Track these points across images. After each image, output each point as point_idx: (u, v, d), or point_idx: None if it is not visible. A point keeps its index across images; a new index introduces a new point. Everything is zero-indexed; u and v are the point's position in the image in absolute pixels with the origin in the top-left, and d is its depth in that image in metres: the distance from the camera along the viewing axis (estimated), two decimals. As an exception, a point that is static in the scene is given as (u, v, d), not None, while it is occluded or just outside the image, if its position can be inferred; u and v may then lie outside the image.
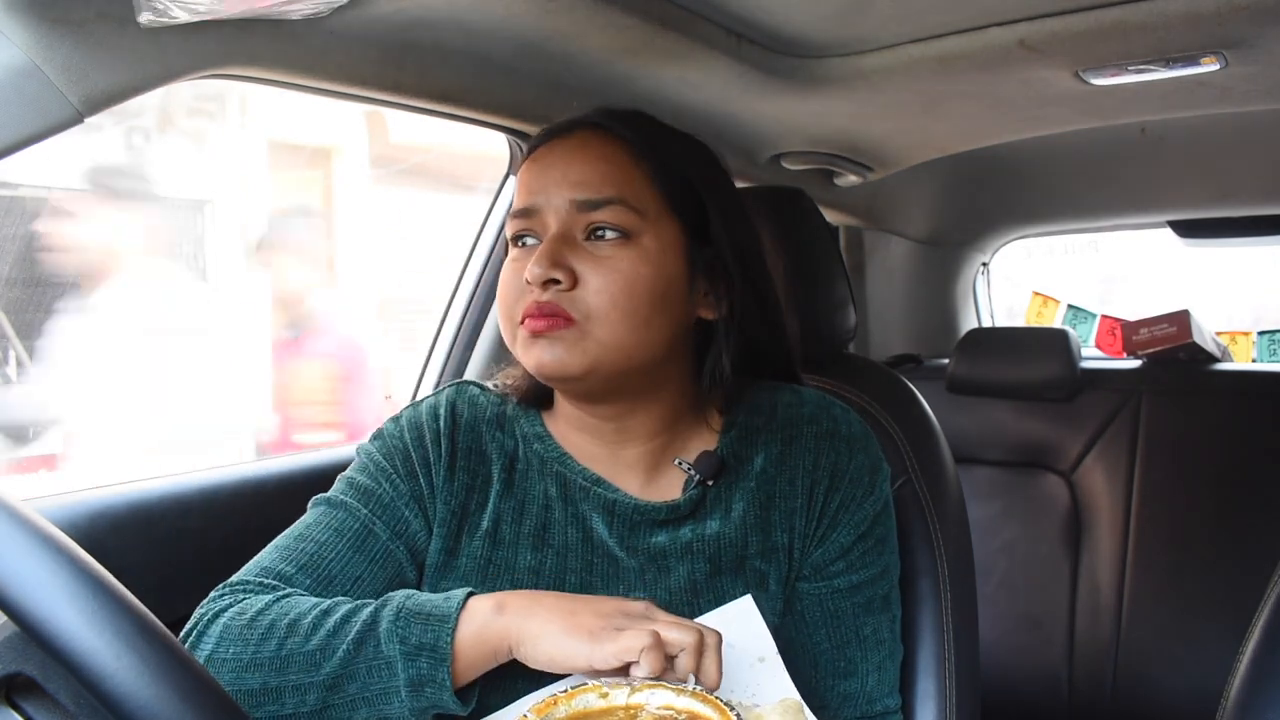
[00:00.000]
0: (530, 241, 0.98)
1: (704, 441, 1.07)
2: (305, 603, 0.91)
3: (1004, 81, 1.55)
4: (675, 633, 0.82)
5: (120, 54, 0.91)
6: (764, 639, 0.96)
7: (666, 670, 0.80)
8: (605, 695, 0.78)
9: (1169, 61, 1.42)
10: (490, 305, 1.63)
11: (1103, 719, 2.18)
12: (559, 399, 1.06)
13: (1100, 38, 1.32)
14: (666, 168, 1.00)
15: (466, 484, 1.03)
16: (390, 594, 0.91)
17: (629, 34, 1.23)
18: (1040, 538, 2.30)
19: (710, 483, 1.04)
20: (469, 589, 0.90)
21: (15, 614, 0.59)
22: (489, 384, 1.11)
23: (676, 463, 1.04)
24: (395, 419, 1.07)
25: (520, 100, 1.40)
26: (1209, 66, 1.43)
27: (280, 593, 0.93)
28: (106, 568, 0.63)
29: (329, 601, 0.91)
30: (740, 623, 0.97)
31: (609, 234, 0.95)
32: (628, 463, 1.04)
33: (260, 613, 0.90)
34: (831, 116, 1.73)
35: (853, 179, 2.09)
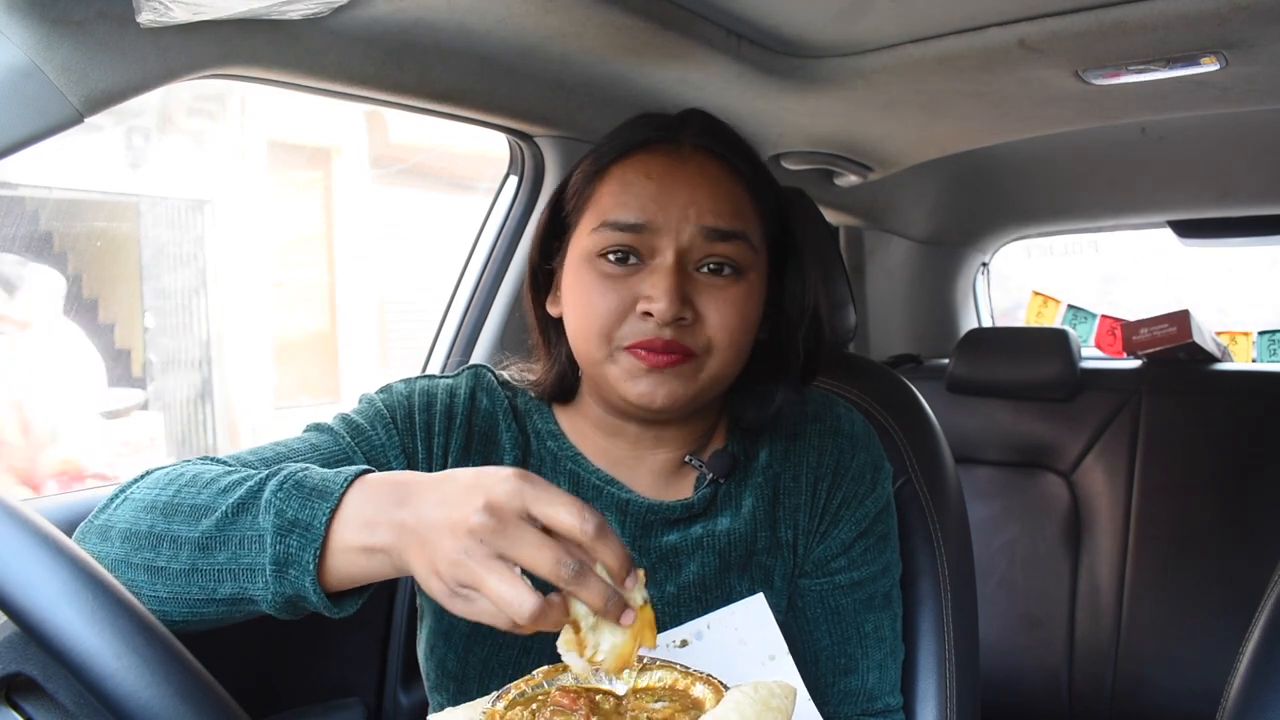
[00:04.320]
0: (630, 260, 0.94)
1: (714, 439, 1.07)
2: (227, 467, 0.85)
3: (1004, 81, 1.55)
4: (542, 558, 0.68)
5: (120, 54, 0.91)
6: (774, 637, 0.97)
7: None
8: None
9: (1169, 61, 1.42)
10: (497, 290, 1.62)
11: (1102, 719, 2.18)
12: (584, 400, 1.05)
13: (1100, 38, 1.32)
14: (770, 205, 1.00)
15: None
16: (290, 463, 0.82)
17: (629, 34, 1.23)
18: (1040, 538, 2.30)
19: (722, 481, 1.04)
20: (367, 466, 0.80)
21: (15, 614, 0.59)
22: (500, 373, 1.10)
23: (688, 460, 1.04)
24: (407, 381, 1.05)
25: (520, 100, 1.40)
26: (1209, 66, 1.43)
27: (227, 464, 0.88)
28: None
29: (247, 469, 0.84)
30: (751, 620, 0.97)
31: (727, 269, 0.94)
32: (646, 464, 1.04)
33: (188, 467, 0.86)
34: (831, 116, 1.73)
35: (853, 179, 2.09)
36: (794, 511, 1.04)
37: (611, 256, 0.94)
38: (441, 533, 0.69)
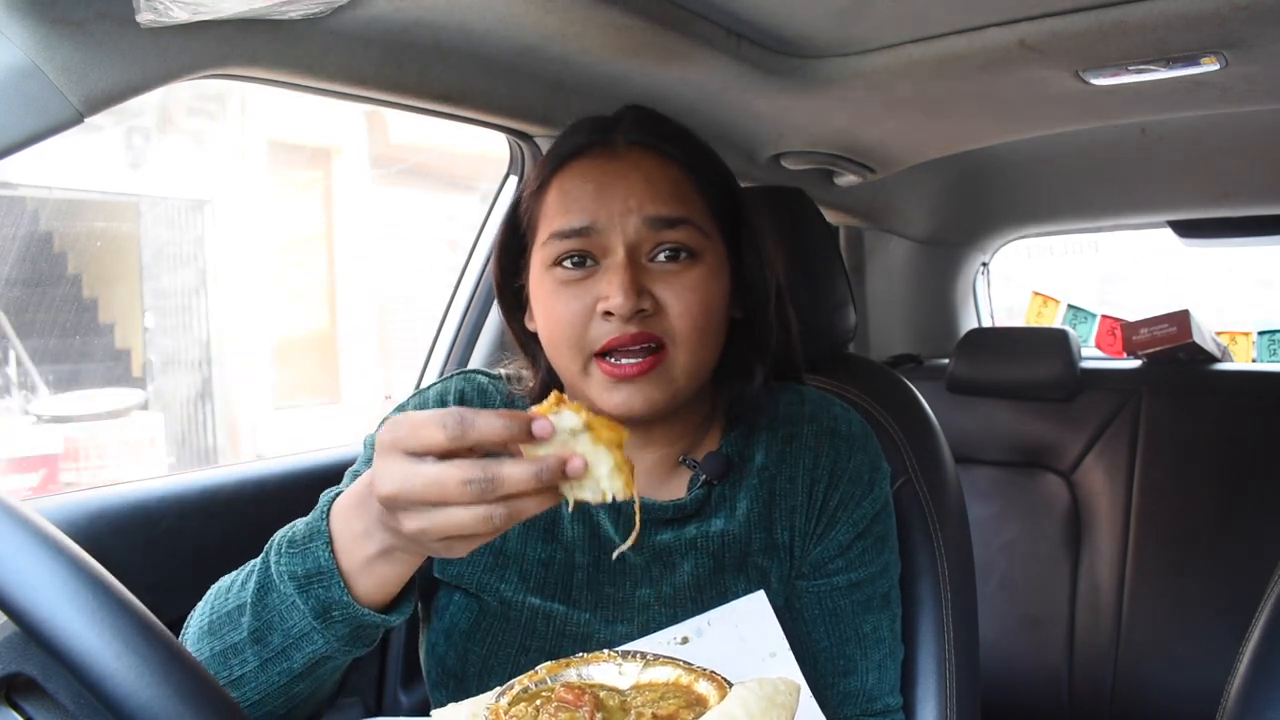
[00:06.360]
0: (586, 263, 0.95)
1: (708, 439, 1.07)
2: (242, 568, 0.89)
3: (1004, 81, 1.54)
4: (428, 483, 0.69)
5: (120, 54, 0.91)
6: (775, 634, 0.97)
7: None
8: (620, 668, 0.78)
9: (1169, 61, 1.42)
10: (494, 298, 1.63)
11: (1102, 719, 2.18)
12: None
13: (1100, 38, 1.32)
14: (715, 186, 1.01)
15: None
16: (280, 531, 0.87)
17: (629, 34, 1.23)
18: (1040, 538, 2.30)
19: (715, 482, 1.04)
20: (337, 490, 0.84)
21: (15, 614, 0.59)
22: (497, 372, 1.11)
23: (682, 460, 1.04)
24: (401, 407, 1.06)
25: (520, 100, 1.40)
26: (1209, 66, 1.43)
27: None
28: (106, 568, 0.63)
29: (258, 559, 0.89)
30: (751, 618, 0.97)
31: (681, 255, 0.95)
32: (638, 463, 1.04)
33: (213, 586, 0.90)
34: (831, 116, 1.72)
35: (853, 179, 2.09)
36: (790, 513, 1.04)
37: (567, 263, 0.95)
38: (390, 519, 0.72)
